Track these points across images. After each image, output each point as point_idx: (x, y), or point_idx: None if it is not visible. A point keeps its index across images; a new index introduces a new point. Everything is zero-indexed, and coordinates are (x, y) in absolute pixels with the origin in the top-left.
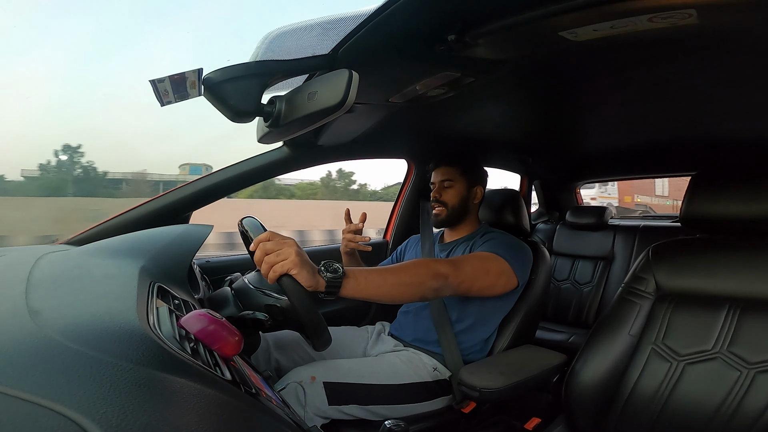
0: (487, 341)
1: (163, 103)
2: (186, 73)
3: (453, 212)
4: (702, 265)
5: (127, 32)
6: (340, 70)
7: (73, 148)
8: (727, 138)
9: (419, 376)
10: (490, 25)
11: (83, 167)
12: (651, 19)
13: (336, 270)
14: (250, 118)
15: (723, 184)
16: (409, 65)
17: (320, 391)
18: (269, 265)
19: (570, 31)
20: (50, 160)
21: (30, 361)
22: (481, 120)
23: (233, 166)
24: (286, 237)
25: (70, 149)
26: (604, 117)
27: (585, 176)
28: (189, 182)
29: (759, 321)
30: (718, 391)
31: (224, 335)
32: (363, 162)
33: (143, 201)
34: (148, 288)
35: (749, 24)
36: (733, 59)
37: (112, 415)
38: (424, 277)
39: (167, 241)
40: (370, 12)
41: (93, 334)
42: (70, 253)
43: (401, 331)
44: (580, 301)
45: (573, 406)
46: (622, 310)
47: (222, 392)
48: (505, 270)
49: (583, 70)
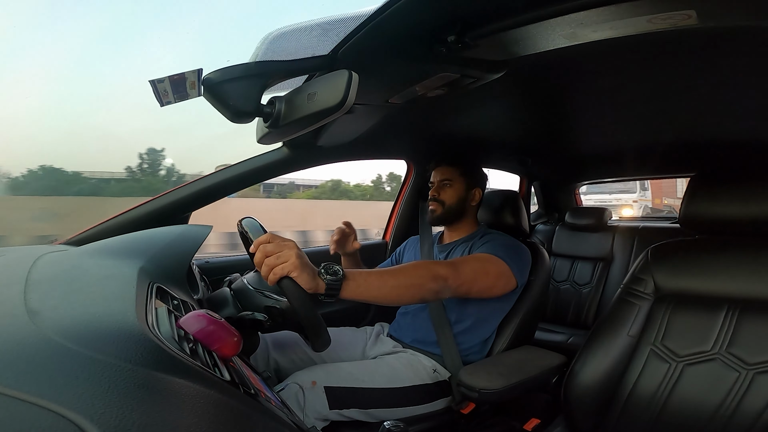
0: (486, 342)
1: (162, 104)
2: (186, 73)
3: (449, 211)
4: (701, 265)
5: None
6: (339, 71)
7: (157, 152)
8: (727, 139)
9: (419, 378)
10: (490, 26)
11: (167, 169)
12: (651, 20)
13: (336, 272)
14: (250, 119)
15: (722, 184)
16: (408, 66)
17: (321, 395)
18: (269, 268)
19: (570, 32)
20: (137, 162)
21: (28, 362)
22: (480, 121)
23: (232, 166)
24: (287, 239)
25: (155, 152)
26: (604, 118)
27: (584, 177)
28: (188, 182)
29: (758, 322)
30: (717, 392)
31: (223, 336)
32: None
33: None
34: (147, 288)
35: (748, 25)
36: (733, 60)
37: (111, 416)
38: (424, 279)
39: (166, 242)
40: (369, 13)
41: (92, 335)
42: (69, 253)
43: (400, 332)
44: (580, 302)
45: (572, 406)
46: (621, 311)
47: (221, 393)
48: (504, 271)
49: (583, 71)
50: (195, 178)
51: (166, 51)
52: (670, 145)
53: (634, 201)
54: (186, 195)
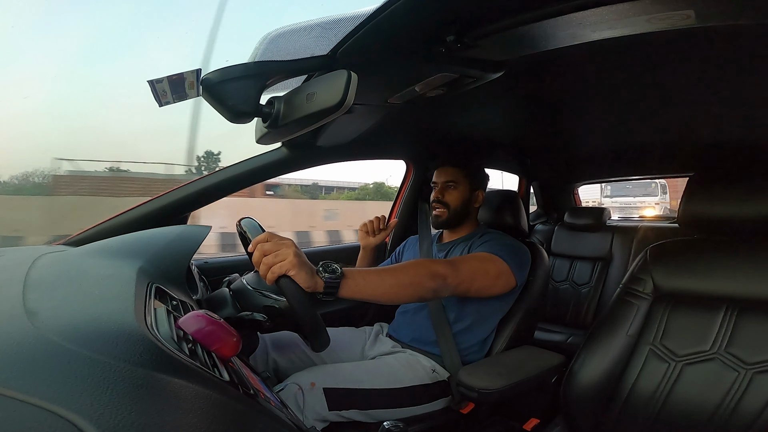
0: (485, 342)
1: (161, 104)
2: (184, 73)
3: (454, 214)
4: (700, 265)
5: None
6: (338, 71)
7: (215, 155)
8: (725, 139)
9: (419, 379)
10: (489, 27)
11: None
12: (650, 20)
13: (334, 271)
14: (249, 119)
15: (720, 184)
16: (408, 66)
17: (320, 396)
18: (267, 266)
19: (569, 32)
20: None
21: (27, 362)
22: (480, 121)
23: (231, 167)
24: (285, 238)
25: (212, 155)
26: (602, 118)
27: (583, 177)
28: (188, 182)
29: (757, 321)
30: (715, 392)
31: (222, 336)
32: None
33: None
34: (146, 289)
35: (747, 25)
36: (731, 60)
37: (110, 416)
38: (423, 278)
39: (165, 242)
40: (369, 13)
41: (90, 335)
42: (68, 253)
43: (399, 332)
44: (579, 302)
45: (571, 406)
46: (620, 311)
47: (220, 393)
48: (503, 271)
49: (582, 72)
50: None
51: (163, 51)
52: (669, 145)
53: (656, 203)
54: (185, 195)
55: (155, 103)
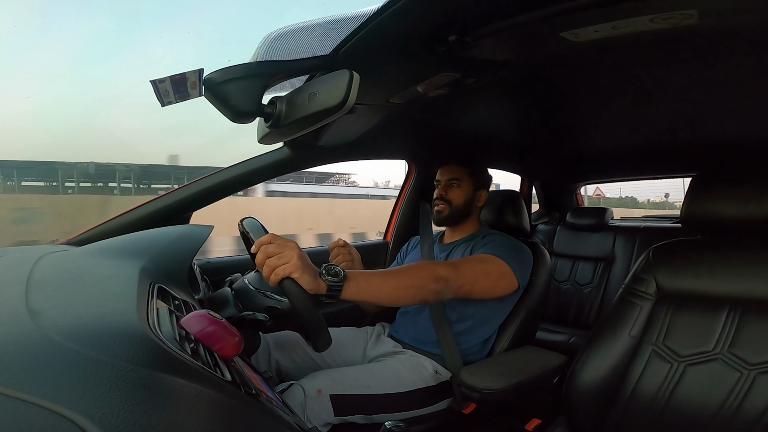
0: (486, 342)
1: (163, 104)
2: (187, 73)
3: (456, 211)
4: (702, 266)
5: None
6: (340, 71)
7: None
8: (728, 139)
9: (423, 381)
10: (491, 26)
11: None
12: (652, 19)
13: (337, 273)
14: (251, 119)
15: (723, 185)
16: (409, 66)
17: (326, 404)
18: (271, 268)
19: (571, 32)
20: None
21: (30, 362)
22: (481, 121)
23: (233, 166)
24: (288, 240)
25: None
26: (605, 118)
27: (585, 177)
28: (189, 183)
29: (760, 322)
30: (718, 392)
31: (224, 336)
32: None
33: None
34: (149, 288)
35: (750, 25)
36: (734, 60)
37: (112, 416)
38: (425, 280)
39: (167, 242)
40: (370, 12)
41: (93, 335)
42: (71, 253)
43: (400, 332)
44: (581, 302)
45: (573, 407)
46: (622, 311)
47: (222, 393)
48: (505, 272)
49: (584, 71)
50: None
51: (165, 52)
52: (672, 145)
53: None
54: (187, 195)
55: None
